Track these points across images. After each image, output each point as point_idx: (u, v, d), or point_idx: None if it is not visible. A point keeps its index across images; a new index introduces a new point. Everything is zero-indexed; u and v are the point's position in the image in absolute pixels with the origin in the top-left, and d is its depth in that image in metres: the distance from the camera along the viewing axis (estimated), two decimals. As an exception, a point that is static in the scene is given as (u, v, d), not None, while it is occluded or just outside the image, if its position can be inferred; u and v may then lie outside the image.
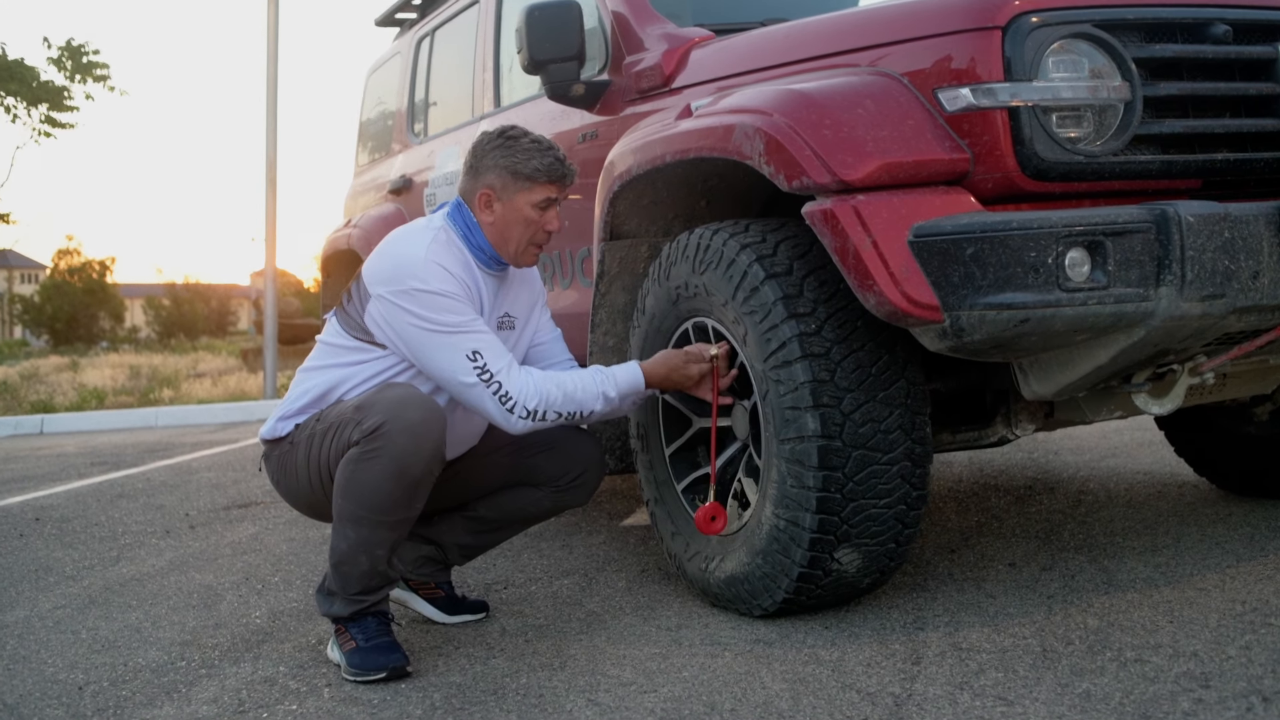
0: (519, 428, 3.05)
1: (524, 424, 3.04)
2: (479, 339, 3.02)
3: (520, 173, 3.10)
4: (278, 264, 13.56)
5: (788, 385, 2.89)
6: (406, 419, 2.89)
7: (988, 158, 2.71)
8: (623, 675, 2.85)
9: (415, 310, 3.00)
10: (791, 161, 2.79)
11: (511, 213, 3.12)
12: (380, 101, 6.72)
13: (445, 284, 3.02)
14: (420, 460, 2.91)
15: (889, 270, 2.62)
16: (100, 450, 9.29)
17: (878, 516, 2.93)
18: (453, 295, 3.02)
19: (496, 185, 3.12)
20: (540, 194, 3.11)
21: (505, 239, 3.15)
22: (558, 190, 3.14)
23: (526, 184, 3.11)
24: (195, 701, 2.89)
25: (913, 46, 2.87)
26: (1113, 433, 6.24)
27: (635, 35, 3.93)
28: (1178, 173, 2.80)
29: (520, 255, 3.18)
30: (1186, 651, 2.69)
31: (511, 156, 3.11)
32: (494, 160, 3.13)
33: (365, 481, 2.91)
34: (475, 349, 3.00)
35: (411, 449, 2.89)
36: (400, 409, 2.91)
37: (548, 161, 3.11)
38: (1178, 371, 2.95)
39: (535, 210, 3.12)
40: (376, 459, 2.89)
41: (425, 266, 3.02)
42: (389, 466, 2.89)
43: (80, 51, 18.34)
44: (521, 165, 3.10)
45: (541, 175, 3.10)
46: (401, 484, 2.91)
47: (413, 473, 2.92)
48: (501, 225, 3.14)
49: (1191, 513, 4.14)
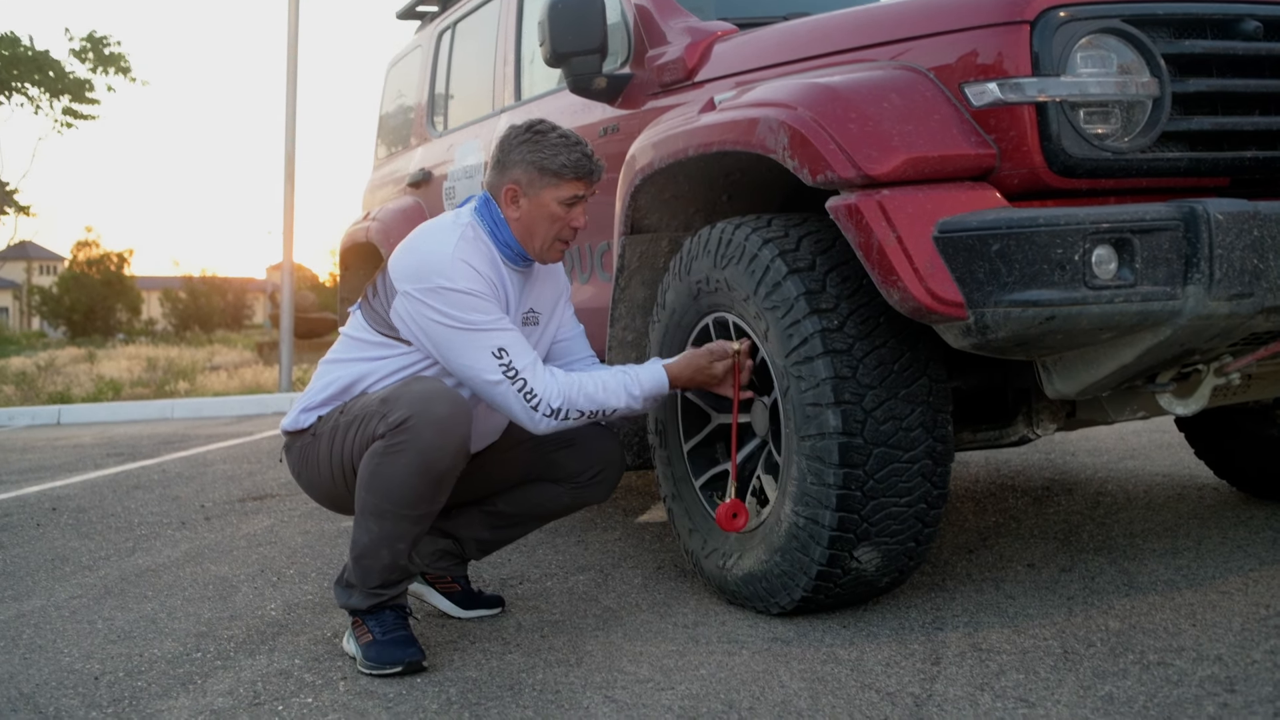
0: (543, 426, 3.04)
1: (548, 423, 3.03)
2: (505, 336, 3.01)
3: (547, 169, 3.08)
4: (294, 258, 13.58)
5: (809, 381, 2.88)
6: (433, 413, 2.88)
7: (1014, 153, 2.69)
8: (639, 672, 2.84)
9: (442, 308, 2.99)
10: (816, 155, 2.77)
11: (538, 209, 3.10)
12: (400, 94, 6.72)
13: (473, 283, 3.01)
14: (446, 455, 2.90)
15: (913, 266, 2.60)
16: (116, 441, 9.33)
17: (898, 515, 2.92)
18: (479, 294, 3.01)
19: (523, 181, 3.10)
20: (567, 190, 3.09)
21: (531, 235, 3.12)
22: (585, 187, 3.11)
23: (553, 180, 3.08)
24: (211, 693, 2.88)
25: (939, 41, 2.86)
26: (1130, 434, 6.22)
27: (658, 28, 3.91)
28: (1206, 170, 2.77)
29: (546, 252, 3.16)
30: (1210, 655, 2.67)
31: (538, 152, 3.08)
32: (521, 155, 3.10)
33: (390, 475, 2.90)
34: (501, 346, 2.99)
35: (437, 444, 2.88)
36: (427, 403, 2.89)
37: (575, 157, 3.08)
38: (1203, 372, 2.93)
39: (561, 207, 3.10)
40: (402, 453, 2.88)
41: (453, 265, 3.01)
42: (415, 461, 2.88)
43: (102, 43, 18.40)
44: (548, 161, 3.08)
45: (568, 171, 3.08)
46: (427, 478, 2.90)
47: (438, 467, 2.91)
48: (528, 221, 3.12)
49: (1212, 515, 4.12)
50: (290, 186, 13.26)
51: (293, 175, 13.27)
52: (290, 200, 13.29)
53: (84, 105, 18.90)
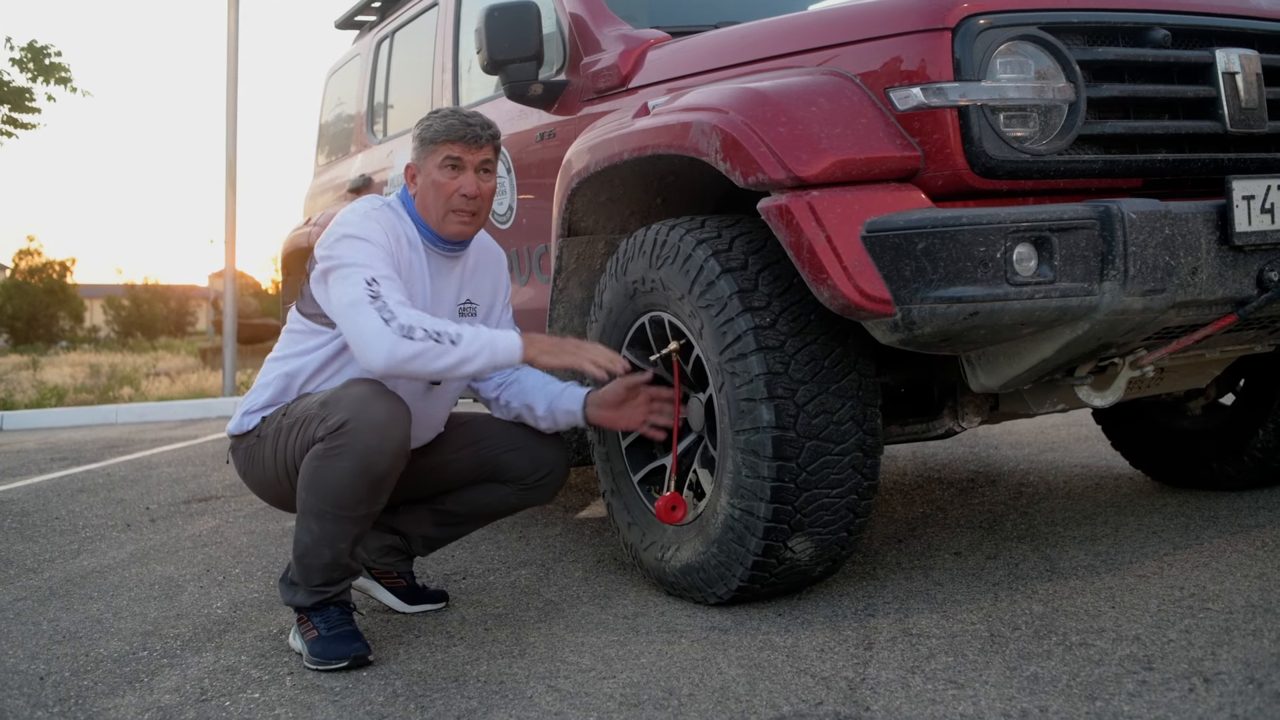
0: (385, 347, 2.90)
1: (394, 340, 2.90)
2: (384, 275, 3.00)
3: (425, 139, 3.17)
4: (237, 265, 13.53)
5: (743, 377, 2.95)
6: (371, 416, 2.91)
7: (938, 155, 2.77)
8: (582, 662, 2.89)
9: (336, 252, 3.04)
10: (747, 158, 2.84)
11: (426, 180, 3.17)
12: (340, 102, 6.73)
13: (374, 234, 3.07)
14: (385, 457, 2.93)
15: (842, 264, 2.67)
16: (60, 446, 9.25)
17: (830, 506, 2.99)
18: (375, 244, 3.05)
19: (414, 159, 3.20)
20: (443, 153, 3.14)
21: (427, 208, 3.19)
22: (462, 149, 3.14)
23: (430, 147, 3.16)
24: (158, 690, 2.90)
25: (865, 47, 2.93)
26: (1050, 428, 6.34)
27: (592, 36, 3.97)
28: (1120, 172, 2.86)
29: (443, 223, 3.18)
30: (1129, 635, 2.76)
31: (421, 128, 3.19)
32: (413, 135, 3.21)
33: (329, 478, 2.93)
34: (374, 277, 2.98)
35: (376, 446, 2.91)
36: (365, 406, 2.92)
37: (450, 123, 3.15)
38: (1119, 365, 3.03)
39: (443, 173, 3.14)
40: (341, 456, 2.91)
41: (362, 220, 3.09)
42: (353, 463, 2.90)
43: (43, 52, 18.15)
44: (425, 132, 3.17)
45: (441, 135, 3.14)
46: (366, 480, 2.93)
47: (377, 469, 2.93)
48: (422, 195, 3.19)
49: (1128, 504, 4.23)
50: (232, 194, 13.21)
51: (234, 182, 13.22)
52: (232, 207, 13.24)
53: (24, 114, 18.61)
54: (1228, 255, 2.72)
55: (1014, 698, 2.43)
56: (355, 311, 2.95)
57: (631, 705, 2.57)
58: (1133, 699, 2.38)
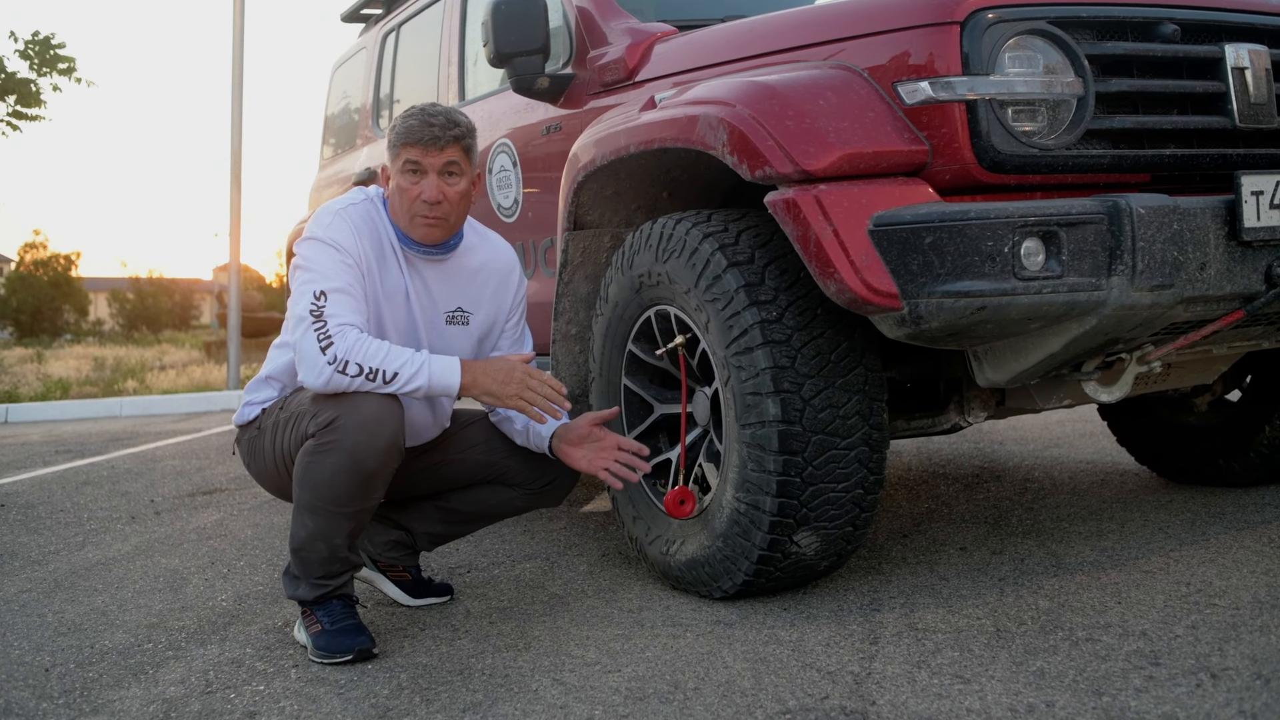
0: (320, 376, 2.88)
1: (327, 371, 2.87)
2: (335, 288, 2.95)
3: (390, 140, 3.11)
4: (241, 259, 13.54)
5: (749, 371, 2.94)
6: (360, 413, 2.89)
7: (945, 150, 2.76)
8: (587, 655, 2.89)
9: (303, 253, 3.02)
10: (754, 152, 2.83)
11: (392, 183, 3.11)
12: (345, 96, 6.73)
13: (339, 237, 3.02)
14: (374, 454, 2.90)
15: (849, 258, 2.67)
16: (65, 439, 9.26)
17: (836, 500, 2.99)
18: (340, 249, 3.00)
19: (387, 160, 3.13)
20: (404, 156, 3.05)
21: (396, 212, 3.13)
22: (419, 153, 3.03)
23: (394, 151, 3.08)
24: (162, 683, 2.91)
25: (873, 41, 2.93)
26: (1055, 424, 6.34)
27: (599, 30, 3.97)
28: (1128, 167, 2.86)
29: (410, 227, 3.11)
30: (1135, 631, 2.76)
31: (390, 130, 3.12)
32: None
33: (320, 474, 2.92)
34: (323, 290, 2.93)
35: (365, 443, 2.88)
36: (354, 403, 2.90)
37: (411, 124, 3.04)
38: (1126, 360, 3.03)
39: (405, 178, 3.06)
40: (330, 452, 2.89)
41: (331, 221, 3.05)
42: (343, 460, 2.89)
43: (48, 44, 18.16)
44: (390, 132, 3.11)
45: (401, 138, 3.06)
46: (356, 477, 2.91)
47: (367, 466, 2.91)
48: (392, 198, 3.13)
49: (1134, 499, 4.23)
50: (236, 187, 13.23)
51: (239, 176, 13.25)
52: (237, 201, 13.25)
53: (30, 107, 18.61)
54: (1236, 251, 2.72)
55: (1020, 692, 2.43)
56: (299, 327, 2.94)
57: (637, 699, 2.57)
58: (1139, 694, 2.38)
